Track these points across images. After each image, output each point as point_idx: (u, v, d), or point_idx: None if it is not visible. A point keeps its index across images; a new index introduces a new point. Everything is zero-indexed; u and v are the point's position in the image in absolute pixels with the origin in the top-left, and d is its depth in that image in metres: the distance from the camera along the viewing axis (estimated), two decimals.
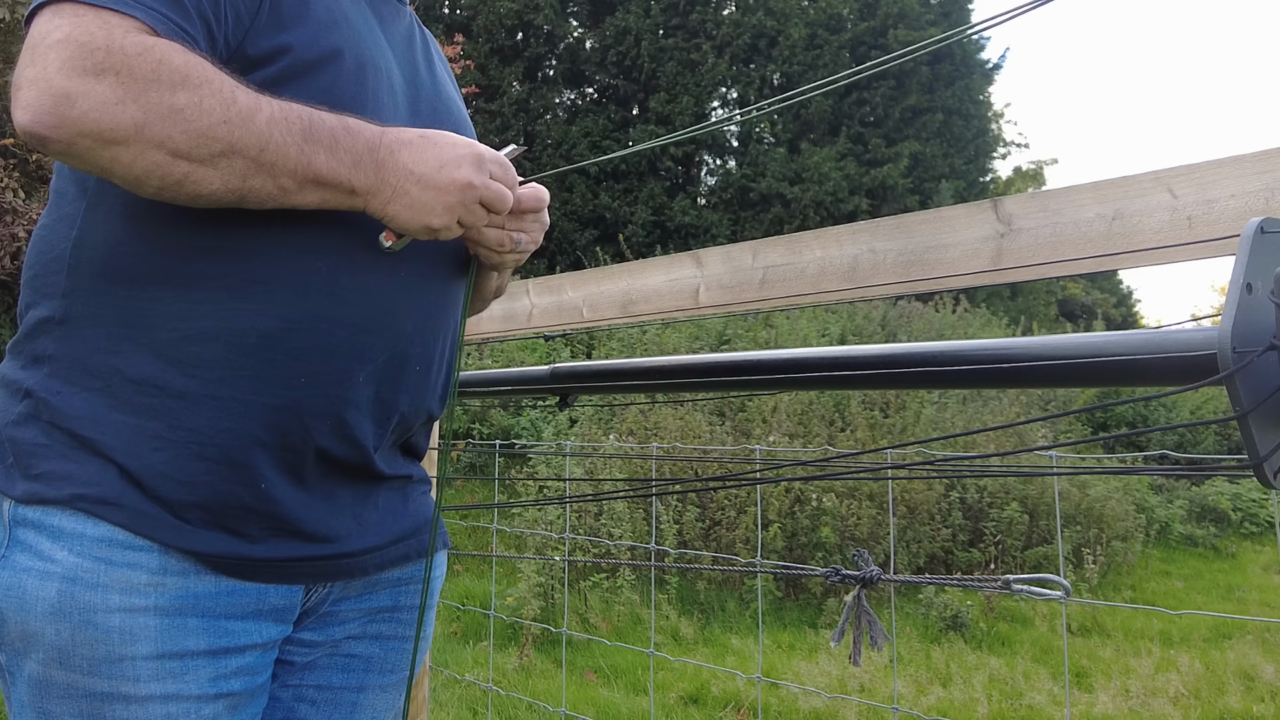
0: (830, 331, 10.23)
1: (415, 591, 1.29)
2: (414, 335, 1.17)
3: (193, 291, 1.03)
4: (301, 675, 1.21)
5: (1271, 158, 1.00)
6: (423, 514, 1.31)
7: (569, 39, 18.95)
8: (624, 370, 1.59)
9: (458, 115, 1.32)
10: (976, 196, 17.40)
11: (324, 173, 0.99)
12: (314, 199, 1.01)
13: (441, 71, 1.34)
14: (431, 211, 1.05)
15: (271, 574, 1.09)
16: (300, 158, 0.97)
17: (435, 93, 1.28)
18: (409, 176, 1.03)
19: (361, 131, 1.02)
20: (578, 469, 7.06)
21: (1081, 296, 21.35)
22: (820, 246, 1.43)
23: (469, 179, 1.06)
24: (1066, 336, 1.04)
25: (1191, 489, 9.80)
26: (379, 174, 1.02)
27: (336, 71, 1.08)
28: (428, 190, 1.04)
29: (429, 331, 1.20)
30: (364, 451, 1.15)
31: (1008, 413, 8.93)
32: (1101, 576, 7.32)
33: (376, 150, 1.02)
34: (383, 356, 1.13)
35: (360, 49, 1.12)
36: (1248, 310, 0.77)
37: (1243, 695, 4.94)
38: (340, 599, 1.21)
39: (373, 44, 1.16)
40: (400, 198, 1.03)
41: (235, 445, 1.04)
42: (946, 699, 4.79)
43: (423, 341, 1.19)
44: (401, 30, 1.26)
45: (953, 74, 18.05)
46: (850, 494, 6.87)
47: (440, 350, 1.23)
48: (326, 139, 0.99)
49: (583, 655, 5.25)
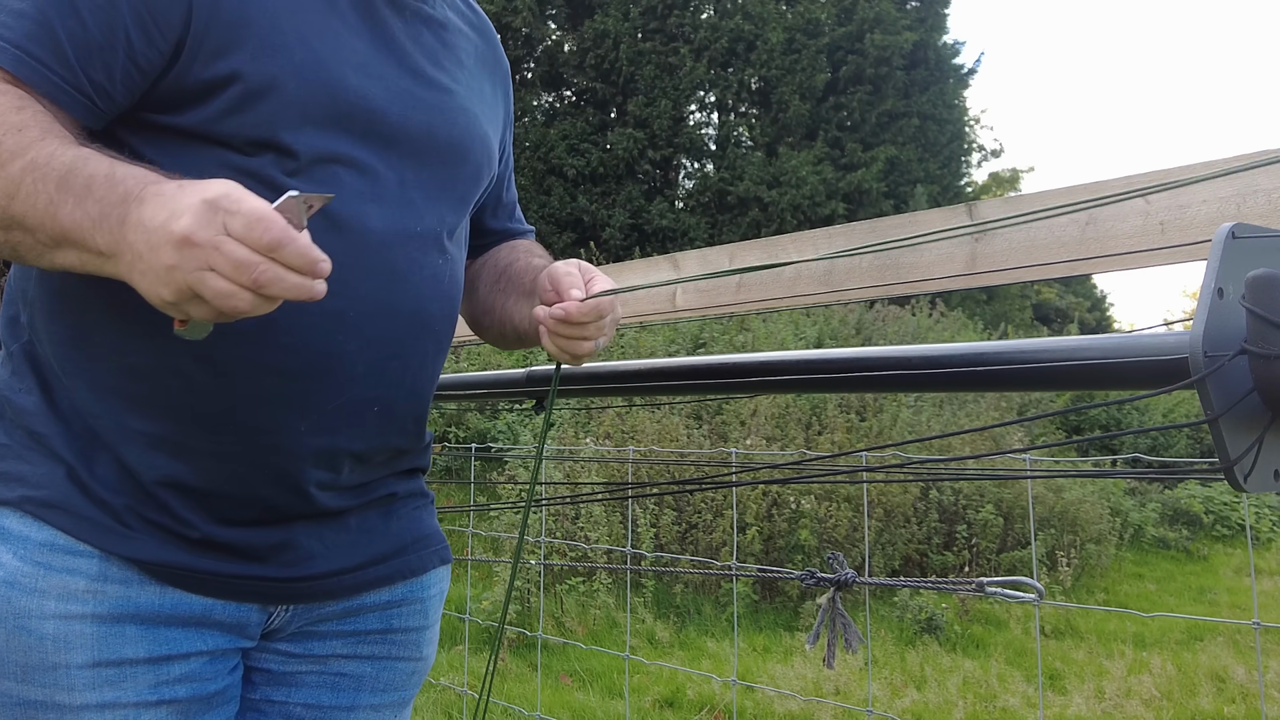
0: (806, 335, 10.25)
1: (412, 613, 1.22)
2: (368, 377, 1.06)
3: (130, 325, 0.97)
4: (288, 692, 1.16)
5: (1242, 164, 1.01)
6: (412, 532, 1.22)
7: (547, 41, 18.94)
8: (601, 374, 1.58)
9: (462, 130, 1.16)
10: (951, 201, 17.49)
11: (68, 226, 0.83)
12: (72, 260, 0.86)
13: (457, 71, 1.18)
14: (157, 279, 0.81)
15: (216, 588, 1.03)
16: (49, 208, 0.83)
17: (433, 102, 1.12)
18: (141, 233, 0.81)
19: (125, 179, 0.84)
20: (556, 472, 7.05)
21: (1056, 301, 21.51)
22: (797, 250, 1.43)
23: (185, 232, 0.79)
24: (1041, 340, 1.04)
25: (1164, 492, 9.89)
26: (121, 231, 0.82)
27: (280, 102, 0.97)
28: (151, 251, 0.80)
29: (388, 372, 1.08)
30: (310, 500, 1.07)
31: (984, 416, 8.98)
32: (1075, 579, 7.37)
33: (127, 201, 0.82)
34: (331, 405, 1.04)
35: (308, 72, 0.99)
36: (1219, 315, 0.78)
37: (1214, 696, 4.98)
38: (320, 620, 1.15)
39: (331, 54, 1.02)
40: (137, 262, 0.82)
41: (163, 486, 1.00)
42: (921, 701, 4.81)
43: (381, 383, 1.08)
44: (404, 26, 1.11)
45: (928, 79, 18.16)
46: (828, 496, 6.89)
47: (409, 384, 1.13)
48: (80, 187, 0.83)
49: (558, 659, 5.23)
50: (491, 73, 1.27)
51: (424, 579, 1.24)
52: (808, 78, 17.34)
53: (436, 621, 1.29)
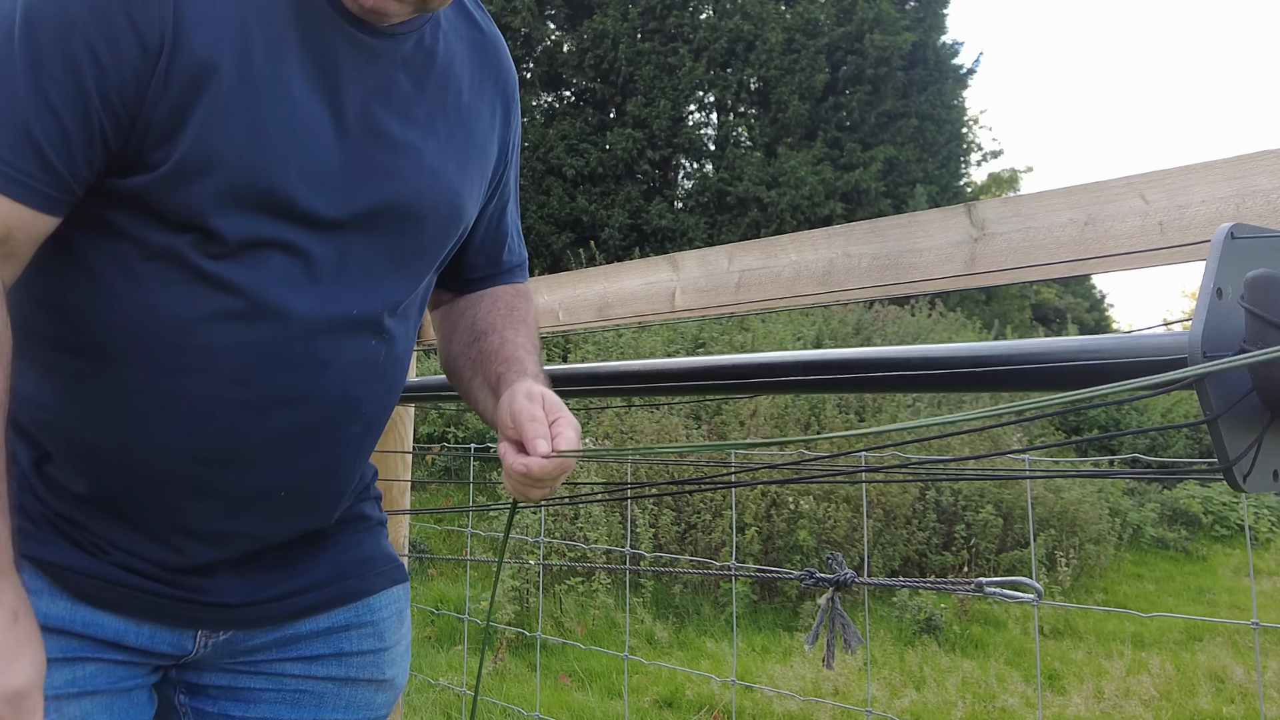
0: (806, 335, 10.25)
1: (363, 636, 1.20)
2: (277, 465, 1.03)
3: (45, 382, 0.98)
4: (245, 708, 1.15)
5: (1242, 164, 1.01)
6: (351, 557, 1.20)
7: (546, 41, 18.92)
8: (600, 374, 1.59)
9: (424, 195, 1.07)
10: (950, 201, 17.50)
11: None
12: None
13: (436, 117, 1.08)
14: None
15: (127, 606, 1.02)
16: None
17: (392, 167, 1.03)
18: None
19: None
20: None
21: (1055, 301, 21.51)
22: (796, 250, 1.43)
23: None
24: (1040, 340, 1.04)
25: (1163, 492, 9.89)
26: None
27: (213, 185, 0.92)
28: None
29: (300, 459, 1.05)
30: (220, 553, 1.06)
31: (982, 417, 8.96)
32: (1074, 579, 7.37)
33: None
34: (233, 491, 1.02)
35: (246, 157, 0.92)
36: (1218, 315, 0.78)
37: (1213, 697, 4.98)
38: (257, 649, 1.14)
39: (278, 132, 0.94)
40: None
41: (78, 501, 1.01)
42: (920, 702, 4.81)
43: (292, 470, 1.04)
44: (371, 74, 1.01)
45: (926, 79, 18.17)
46: (827, 497, 6.89)
47: (326, 469, 1.09)
48: None
49: (557, 659, 5.23)
50: (492, 97, 1.17)
51: (372, 601, 1.21)
52: (807, 78, 17.34)
53: (399, 642, 1.26)
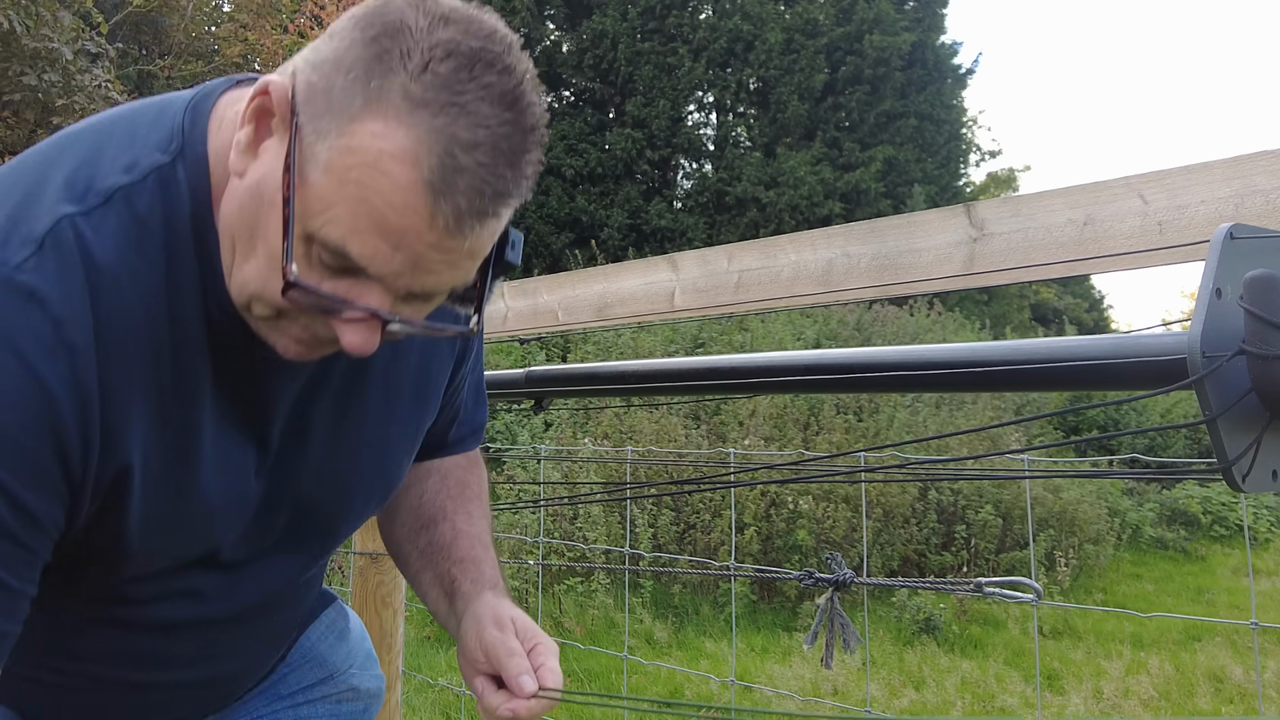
0: (805, 335, 10.25)
1: (307, 671, 1.21)
2: (197, 682, 1.04)
3: None
4: None
5: (1241, 164, 1.01)
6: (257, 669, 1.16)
7: (545, 42, 18.92)
8: (599, 374, 1.59)
9: (353, 491, 1.02)
10: (949, 201, 17.49)
11: None
12: None
13: (381, 403, 1.00)
14: None
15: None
16: None
17: (323, 476, 0.98)
18: None
19: None
20: (554, 473, 7.05)
21: (1054, 301, 21.50)
22: (795, 250, 1.43)
23: None
24: (1039, 341, 1.05)
25: (1162, 493, 9.89)
26: None
27: (119, 557, 0.88)
28: None
29: (223, 670, 1.05)
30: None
31: (981, 417, 8.98)
32: (1073, 579, 7.38)
33: None
34: (153, 699, 1.02)
35: (153, 527, 0.87)
36: (1217, 315, 0.78)
37: (1212, 696, 4.98)
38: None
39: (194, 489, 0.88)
40: None
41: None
42: (919, 701, 4.81)
43: (215, 678, 1.05)
44: (300, 381, 0.93)
45: (926, 79, 18.16)
46: (826, 497, 6.89)
47: (252, 661, 1.09)
48: None
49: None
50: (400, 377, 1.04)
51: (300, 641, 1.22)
52: (806, 78, 17.34)
53: (350, 653, 1.26)
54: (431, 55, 0.71)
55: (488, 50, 0.74)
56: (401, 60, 0.71)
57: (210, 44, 12.16)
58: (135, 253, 0.80)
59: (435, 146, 0.70)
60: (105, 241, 0.78)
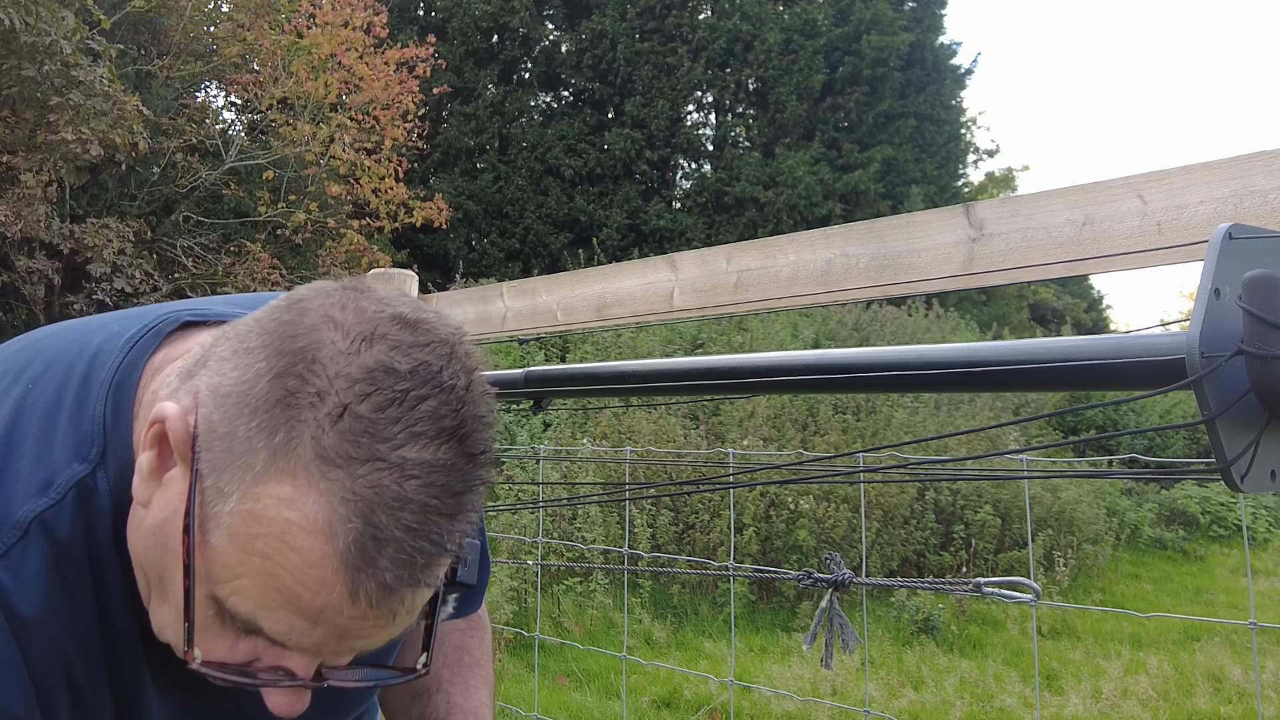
0: (804, 335, 10.26)
1: None
2: None
3: None
4: None
5: (1240, 164, 1.01)
6: None
7: (544, 42, 18.92)
8: (598, 374, 1.58)
9: None
10: (948, 202, 17.50)
11: None
12: None
13: None
14: None
15: None
16: None
17: None
18: None
19: None
20: (553, 473, 7.05)
21: (1052, 301, 21.51)
22: (794, 250, 1.43)
23: None
24: (1038, 341, 1.04)
25: (1161, 492, 9.90)
26: None
27: None
28: None
29: None
30: None
31: (980, 417, 8.99)
32: (1072, 579, 7.38)
33: None
34: None
35: None
36: (1216, 315, 0.78)
37: (1211, 696, 4.99)
38: None
39: None
40: None
41: None
42: (918, 701, 4.81)
43: None
44: None
45: (924, 80, 18.17)
46: (826, 497, 6.89)
47: None
48: None
49: (555, 659, 5.23)
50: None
51: None
52: (805, 78, 17.34)
53: None
54: (350, 397, 0.61)
55: (422, 370, 0.63)
56: (311, 406, 0.61)
57: (209, 44, 12.15)
58: (61, 593, 0.72)
59: (353, 515, 0.60)
60: (27, 589, 0.70)
